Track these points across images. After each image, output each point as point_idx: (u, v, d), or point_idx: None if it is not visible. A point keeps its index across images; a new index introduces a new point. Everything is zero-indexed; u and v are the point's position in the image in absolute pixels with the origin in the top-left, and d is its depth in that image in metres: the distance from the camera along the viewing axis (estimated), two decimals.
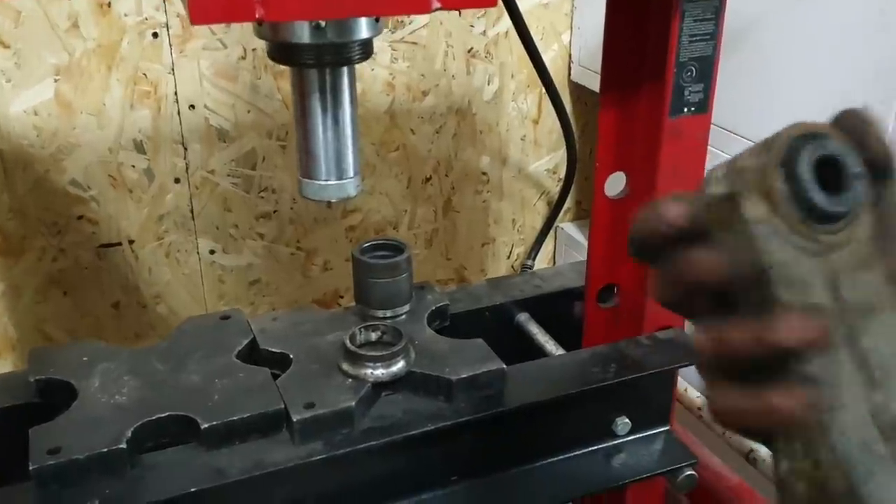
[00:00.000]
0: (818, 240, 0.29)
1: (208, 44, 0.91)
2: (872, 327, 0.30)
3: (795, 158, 0.28)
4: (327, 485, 0.53)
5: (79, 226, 0.93)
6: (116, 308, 0.98)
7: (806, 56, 0.75)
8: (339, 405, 0.53)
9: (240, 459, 0.51)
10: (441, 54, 1.02)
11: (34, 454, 0.49)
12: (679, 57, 0.58)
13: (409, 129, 1.04)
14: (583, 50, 1.06)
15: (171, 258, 0.98)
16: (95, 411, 0.53)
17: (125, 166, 0.92)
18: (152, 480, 0.50)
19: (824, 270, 0.29)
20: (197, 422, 0.51)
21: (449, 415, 0.56)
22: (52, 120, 0.88)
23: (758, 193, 0.29)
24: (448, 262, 1.15)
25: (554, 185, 1.17)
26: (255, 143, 0.97)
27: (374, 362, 0.56)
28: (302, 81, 0.51)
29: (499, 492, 0.60)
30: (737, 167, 0.30)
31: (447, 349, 0.60)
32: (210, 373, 0.56)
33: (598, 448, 0.64)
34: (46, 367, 0.57)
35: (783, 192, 0.28)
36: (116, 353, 0.59)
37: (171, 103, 0.91)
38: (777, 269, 0.28)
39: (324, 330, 0.61)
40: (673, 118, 0.60)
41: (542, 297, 0.73)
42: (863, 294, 0.30)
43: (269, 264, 1.03)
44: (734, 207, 0.29)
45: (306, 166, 0.53)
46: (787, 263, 0.28)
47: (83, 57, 0.87)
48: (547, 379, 0.61)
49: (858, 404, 0.29)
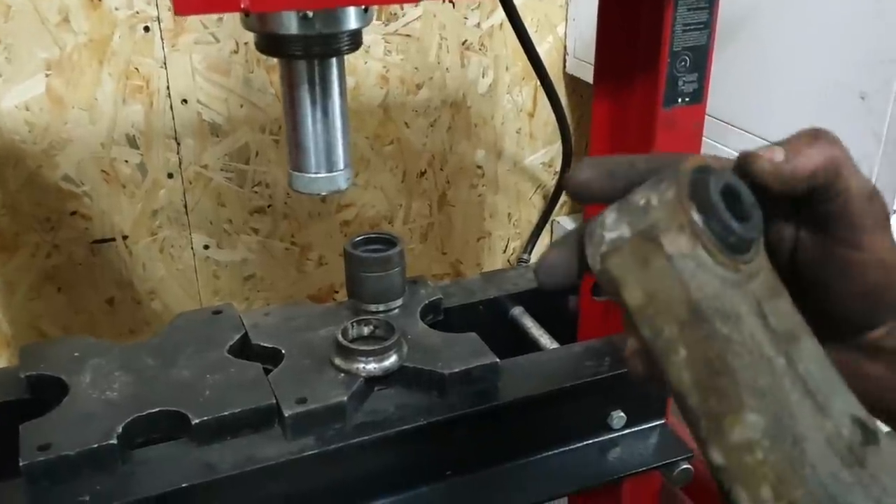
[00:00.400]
0: (739, 269, 0.28)
1: (200, 38, 0.90)
2: (800, 353, 0.29)
3: (706, 189, 0.28)
4: (319, 480, 0.53)
5: (72, 221, 0.93)
6: (111, 304, 0.98)
7: (801, 45, 0.74)
8: (331, 400, 0.53)
9: (231, 455, 0.51)
10: (435, 47, 1.01)
11: (24, 451, 0.48)
12: (673, 46, 0.57)
13: (404, 123, 1.04)
14: (578, 42, 1.05)
15: (165, 253, 0.98)
16: (86, 407, 0.52)
17: (118, 161, 0.92)
18: (143, 476, 0.49)
19: (747, 300, 0.28)
20: (188, 417, 0.51)
21: (442, 409, 0.55)
22: (44, 115, 0.87)
23: (675, 228, 0.28)
24: (443, 256, 1.15)
25: (550, 178, 1.16)
26: (249, 138, 0.96)
27: (367, 357, 0.55)
28: (290, 73, 0.50)
29: (493, 487, 0.60)
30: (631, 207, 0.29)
31: (440, 343, 0.60)
32: (201, 368, 0.56)
33: (593, 442, 0.63)
34: (38, 363, 0.57)
35: (700, 223, 0.27)
36: (108, 349, 0.59)
37: (163, 98, 0.91)
38: (709, 303, 0.27)
39: (316, 325, 0.61)
40: (667, 109, 0.59)
41: (537, 290, 0.72)
42: (783, 321, 0.29)
43: (264, 259, 1.03)
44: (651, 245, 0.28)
45: (296, 159, 0.53)
46: (716, 296, 0.28)
47: (74, 51, 0.86)
48: (541, 373, 0.61)
49: (815, 434, 0.28)
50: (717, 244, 0.27)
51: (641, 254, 0.28)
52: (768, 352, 0.28)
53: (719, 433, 0.27)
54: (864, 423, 0.29)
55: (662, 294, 0.28)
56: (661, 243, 0.28)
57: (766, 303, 0.29)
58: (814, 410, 0.28)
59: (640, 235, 0.28)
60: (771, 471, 0.27)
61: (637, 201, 0.29)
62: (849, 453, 0.28)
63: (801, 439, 0.27)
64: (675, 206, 0.28)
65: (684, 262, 0.28)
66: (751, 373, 0.27)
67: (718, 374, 0.27)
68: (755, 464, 0.27)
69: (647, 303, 0.28)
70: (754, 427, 0.27)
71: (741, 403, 0.27)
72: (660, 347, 0.28)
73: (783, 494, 0.27)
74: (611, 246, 0.29)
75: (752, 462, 0.27)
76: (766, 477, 0.27)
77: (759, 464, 0.27)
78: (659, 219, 0.28)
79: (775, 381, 0.28)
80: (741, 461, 0.27)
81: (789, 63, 0.76)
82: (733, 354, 0.27)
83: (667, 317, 0.28)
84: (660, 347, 0.28)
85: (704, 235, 0.27)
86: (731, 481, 0.27)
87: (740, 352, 0.27)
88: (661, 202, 0.28)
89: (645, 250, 0.28)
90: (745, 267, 0.28)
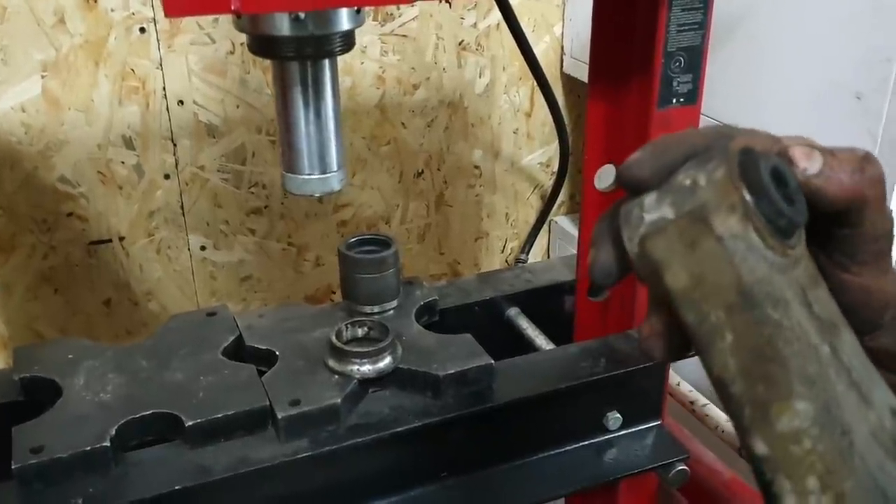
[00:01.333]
0: (787, 254, 0.27)
1: (196, 39, 0.90)
2: (842, 344, 0.28)
3: (757, 170, 0.27)
4: (313, 482, 0.53)
5: (69, 223, 0.93)
6: (108, 305, 0.98)
7: (797, 45, 0.74)
8: (325, 402, 0.53)
9: (225, 457, 0.50)
10: (432, 47, 1.01)
11: (17, 453, 0.48)
12: (667, 47, 0.57)
13: (401, 123, 1.04)
14: (575, 42, 1.05)
15: (161, 255, 0.98)
16: (80, 409, 0.52)
17: (114, 162, 0.92)
18: (136, 478, 0.49)
19: (793, 287, 0.27)
20: (181, 419, 0.51)
21: (436, 411, 0.55)
22: (40, 116, 0.87)
23: (726, 208, 0.27)
24: (441, 256, 1.14)
25: (547, 178, 1.16)
26: (245, 139, 0.96)
27: (361, 358, 0.55)
28: (283, 74, 0.50)
29: (489, 488, 0.60)
30: (675, 188, 0.28)
31: (435, 344, 0.59)
32: (195, 370, 0.56)
33: (589, 443, 0.63)
34: (31, 365, 0.57)
35: (752, 204, 0.27)
36: (101, 351, 0.58)
37: (159, 99, 0.91)
38: (760, 287, 0.27)
39: (310, 326, 0.61)
40: (661, 109, 0.59)
41: (533, 291, 0.73)
42: (825, 310, 0.28)
43: (261, 260, 1.03)
44: (701, 226, 0.27)
45: (289, 160, 0.53)
46: (766, 280, 0.27)
47: (70, 52, 0.86)
48: (536, 374, 0.60)
49: (861, 425, 0.27)
50: (768, 227, 0.27)
51: (689, 235, 0.27)
52: (815, 340, 0.27)
53: (765, 421, 0.27)
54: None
55: (711, 276, 0.27)
56: (712, 224, 0.27)
57: (810, 291, 0.28)
58: (858, 401, 0.27)
59: (688, 215, 0.27)
60: (819, 461, 0.26)
61: (682, 182, 0.28)
62: (893, 445, 0.28)
63: (848, 430, 0.27)
64: (726, 186, 0.27)
65: (735, 243, 0.27)
66: (800, 360, 0.27)
67: (768, 361, 0.27)
68: (803, 453, 0.26)
69: (694, 286, 0.27)
70: (804, 415, 0.26)
71: (791, 391, 0.26)
72: (705, 332, 0.27)
73: (831, 485, 0.26)
74: (652, 227, 0.28)
75: (799, 452, 0.26)
76: (813, 467, 0.26)
77: (806, 453, 0.26)
78: (709, 199, 0.27)
79: (823, 370, 0.27)
80: (787, 451, 0.26)
81: (785, 63, 0.75)
82: (784, 341, 0.27)
83: (715, 300, 0.27)
84: (705, 332, 0.27)
85: (756, 217, 0.27)
86: (774, 472, 0.27)
87: (790, 338, 0.27)
88: (710, 182, 0.27)
89: (693, 231, 0.27)
90: (791, 252, 0.27)
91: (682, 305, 0.28)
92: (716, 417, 0.76)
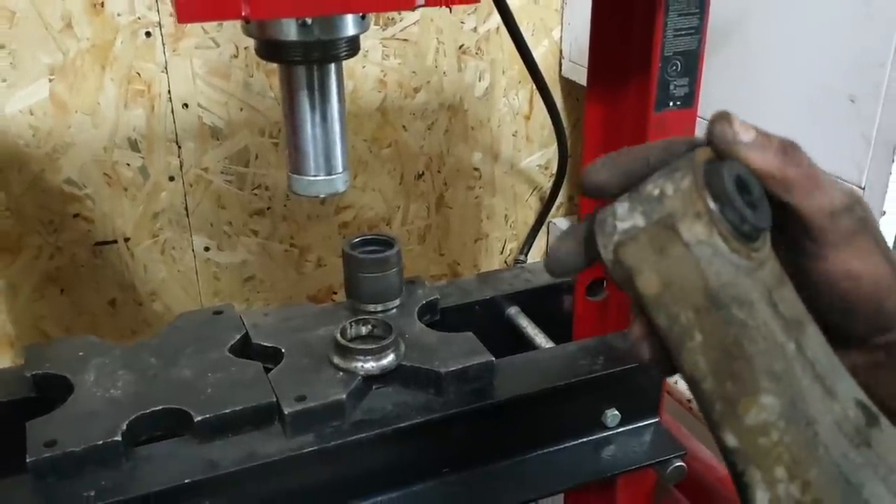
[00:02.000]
0: (751, 257, 0.29)
1: (201, 42, 0.91)
2: (807, 340, 0.30)
3: (721, 179, 0.28)
4: (319, 476, 0.54)
5: (75, 224, 0.94)
6: (113, 305, 0.99)
7: (791, 50, 0.75)
8: (330, 398, 0.54)
9: (233, 451, 0.52)
10: (432, 51, 1.03)
11: (31, 447, 0.49)
12: (664, 51, 0.59)
13: (402, 126, 1.05)
14: (573, 45, 1.06)
15: (166, 255, 0.99)
16: (91, 405, 0.53)
17: (120, 164, 0.93)
18: (147, 472, 0.50)
19: (759, 288, 0.29)
20: (190, 414, 0.52)
21: (438, 407, 0.57)
22: (48, 119, 0.88)
23: (692, 216, 0.28)
24: (441, 257, 1.16)
25: (546, 180, 1.18)
26: (248, 141, 0.97)
27: (365, 356, 0.57)
28: (290, 78, 0.52)
29: (489, 484, 0.61)
30: (644, 197, 0.29)
31: (437, 342, 0.61)
32: (203, 367, 0.57)
33: (587, 440, 0.64)
34: (42, 362, 0.58)
35: (717, 211, 0.28)
36: (110, 349, 0.60)
37: (164, 102, 0.92)
38: (725, 289, 0.28)
39: (315, 325, 0.62)
40: (658, 112, 0.60)
41: (532, 290, 0.74)
42: (790, 308, 0.30)
43: (264, 261, 1.04)
44: (669, 233, 0.28)
45: (295, 162, 0.54)
46: (732, 283, 0.28)
47: (77, 57, 0.87)
48: (536, 371, 0.62)
49: (825, 417, 0.28)
50: (732, 232, 0.28)
51: (658, 242, 0.29)
52: (780, 338, 0.28)
53: (734, 416, 0.28)
54: (867, 406, 0.30)
55: (679, 281, 0.28)
56: (679, 231, 0.28)
57: (775, 291, 0.29)
58: (823, 394, 0.29)
59: (656, 224, 0.29)
60: (786, 451, 0.28)
61: (650, 191, 0.29)
62: (856, 434, 0.29)
63: (813, 421, 0.28)
64: (691, 195, 0.28)
65: (701, 248, 0.28)
66: (766, 357, 0.28)
67: (735, 359, 0.28)
68: (770, 445, 0.28)
69: (664, 290, 0.29)
70: (770, 409, 0.28)
71: (757, 387, 0.28)
72: (676, 334, 0.29)
73: (798, 474, 0.27)
74: (624, 235, 0.29)
75: (767, 443, 0.28)
76: (780, 458, 0.28)
77: (774, 445, 0.28)
78: (676, 207, 0.29)
79: (788, 366, 0.28)
80: (756, 443, 0.28)
81: (779, 67, 0.77)
82: (749, 340, 0.28)
83: (683, 303, 0.28)
84: (676, 334, 0.29)
85: (720, 223, 0.28)
86: (745, 463, 0.28)
87: (755, 337, 0.28)
88: (677, 191, 0.29)
89: (662, 238, 0.29)
90: (755, 255, 0.29)
91: (653, 309, 0.29)
92: None
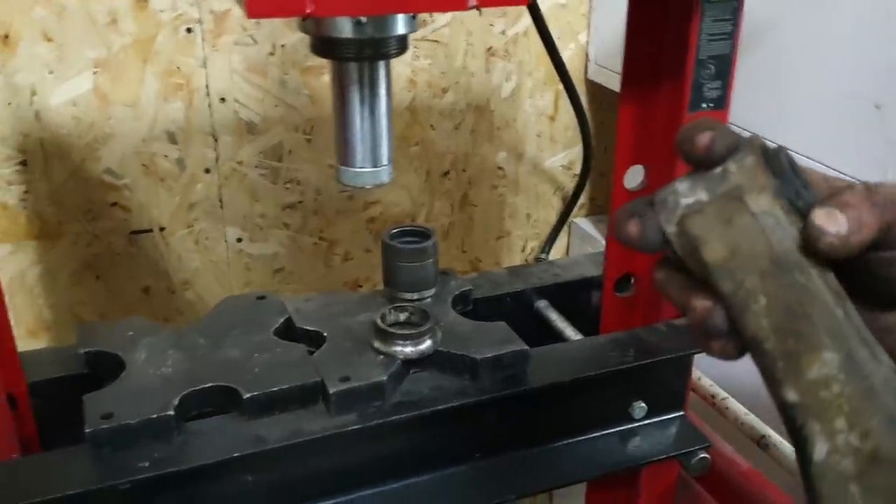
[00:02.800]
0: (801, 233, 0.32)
1: (239, 39, 0.94)
2: (849, 309, 0.32)
3: (778, 159, 0.32)
4: (358, 455, 0.56)
5: (112, 213, 0.97)
6: (146, 293, 1.02)
7: (817, 56, 0.77)
8: (373, 379, 0.56)
9: (279, 428, 0.54)
10: (462, 52, 1.05)
11: (90, 418, 0.52)
12: (698, 55, 0.61)
13: (430, 125, 1.07)
14: (600, 49, 1.09)
15: (199, 245, 1.02)
16: (143, 381, 0.56)
17: (158, 156, 0.96)
18: (197, 446, 0.53)
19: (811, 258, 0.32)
20: (239, 392, 0.55)
21: (474, 392, 0.59)
22: (90, 111, 0.91)
23: (757, 189, 0.32)
24: (463, 254, 1.18)
25: (568, 180, 1.20)
26: (282, 136, 1.00)
27: (404, 340, 0.59)
28: (342, 74, 0.54)
29: (518, 470, 0.63)
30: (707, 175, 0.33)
31: (471, 330, 0.63)
32: (249, 348, 0.59)
33: (614, 431, 0.66)
34: (94, 341, 0.61)
35: (775, 186, 0.32)
36: (159, 329, 0.62)
37: (202, 96, 0.95)
38: (787, 255, 0.31)
39: (354, 310, 0.64)
40: (692, 113, 0.62)
41: (561, 284, 0.76)
42: (834, 282, 0.32)
43: (293, 253, 1.06)
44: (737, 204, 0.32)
45: (343, 154, 0.56)
46: (792, 250, 0.32)
47: (121, 51, 0.90)
48: (568, 361, 0.64)
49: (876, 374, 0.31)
50: (790, 206, 0.32)
51: (725, 212, 0.32)
52: (832, 304, 0.31)
53: (797, 371, 0.31)
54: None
55: (746, 247, 0.32)
56: (746, 202, 0.32)
57: (821, 265, 0.32)
58: (870, 356, 0.31)
59: (724, 196, 0.32)
60: (846, 402, 0.30)
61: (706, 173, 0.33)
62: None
63: (868, 375, 0.30)
64: (756, 171, 0.32)
65: (766, 218, 0.32)
66: (824, 317, 0.31)
67: (798, 318, 0.31)
68: (831, 397, 0.30)
69: (730, 257, 0.32)
70: (831, 364, 0.30)
71: (819, 342, 0.30)
72: (740, 298, 0.32)
73: (857, 423, 0.30)
74: (689, 209, 0.33)
75: (828, 396, 0.30)
76: (840, 409, 0.30)
77: (835, 397, 0.30)
78: (742, 181, 0.32)
79: (841, 327, 0.31)
80: (818, 396, 0.30)
81: (805, 73, 0.79)
82: (809, 301, 0.31)
83: (749, 268, 0.32)
84: (740, 298, 0.32)
85: (781, 197, 0.32)
86: (804, 417, 0.30)
87: (814, 300, 0.31)
88: (741, 168, 0.33)
89: (729, 209, 0.32)
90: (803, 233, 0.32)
91: (718, 276, 0.32)
92: (735, 410, 0.79)
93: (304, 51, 0.97)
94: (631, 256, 0.72)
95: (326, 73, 0.99)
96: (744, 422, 0.77)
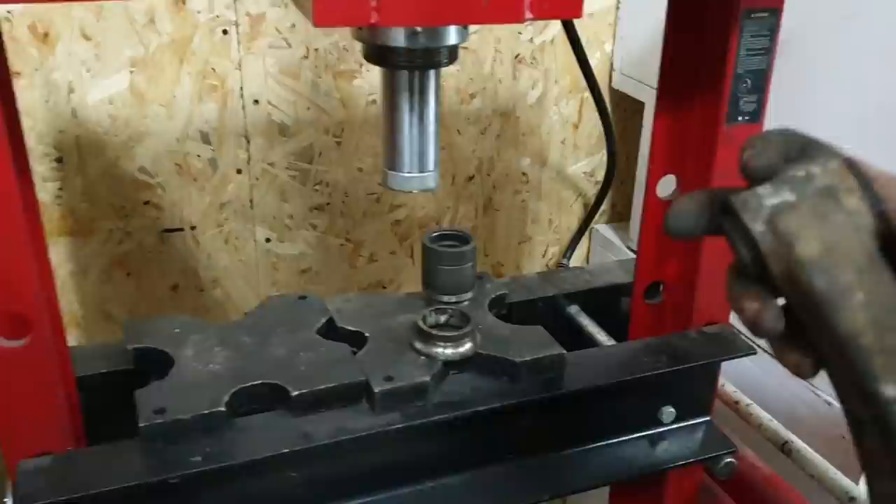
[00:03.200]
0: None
1: (274, 42, 0.96)
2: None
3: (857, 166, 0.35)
4: (401, 453, 0.58)
5: (144, 210, 0.98)
6: (175, 290, 1.03)
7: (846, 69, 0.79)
8: (416, 379, 0.57)
9: (325, 426, 0.55)
10: (490, 60, 1.06)
11: (142, 413, 0.53)
12: (736, 69, 0.62)
13: (456, 130, 1.09)
14: (625, 58, 1.10)
15: (229, 245, 1.03)
16: (193, 377, 0.57)
17: (191, 156, 0.97)
18: (247, 441, 0.54)
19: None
20: (287, 390, 0.56)
21: (513, 394, 0.60)
22: (126, 109, 0.93)
23: (846, 189, 0.34)
24: (486, 258, 1.19)
25: (591, 187, 1.21)
26: (313, 139, 1.02)
27: (445, 342, 0.60)
28: (393, 81, 0.55)
29: (550, 471, 0.64)
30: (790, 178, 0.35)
31: (509, 334, 0.64)
32: (294, 346, 0.61)
33: (644, 434, 0.68)
34: (141, 337, 0.62)
35: (861, 189, 0.34)
36: (205, 327, 0.63)
37: (236, 97, 0.96)
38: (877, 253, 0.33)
39: (395, 312, 0.66)
40: (728, 126, 0.64)
41: (592, 290, 0.77)
42: None
43: (320, 254, 1.08)
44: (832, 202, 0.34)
45: (392, 159, 0.58)
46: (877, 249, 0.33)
47: (157, 51, 0.92)
48: (603, 366, 0.65)
49: None
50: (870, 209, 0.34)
51: (821, 210, 0.34)
52: None
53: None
54: None
55: (843, 244, 0.33)
56: (841, 200, 0.34)
57: None
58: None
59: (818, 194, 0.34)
60: None
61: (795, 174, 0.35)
62: None
63: None
64: (843, 173, 0.34)
65: (858, 218, 0.34)
66: None
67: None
68: None
69: (826, 253, 0.33)
70: None
71: None
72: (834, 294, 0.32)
73: None
74: (777, 208, 0.34)
75: None
76: None
77: None
78: (832, 182, 0.34)
79: None
80: None
81: (834, 86, 0.80)
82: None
83: (845, 265, 0.33)
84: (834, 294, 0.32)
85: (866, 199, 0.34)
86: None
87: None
88: (826, 171, 0.35)
89: (826, 207, 0.34)
90: None
91: (812, 272, 0.33)
92: (758, 416, 0.80)
93: (336, 54, 0.98)
94: (662, 264, 0.74)
95: (358, 77, 1.00)
96: (767, 427, 0.79)
